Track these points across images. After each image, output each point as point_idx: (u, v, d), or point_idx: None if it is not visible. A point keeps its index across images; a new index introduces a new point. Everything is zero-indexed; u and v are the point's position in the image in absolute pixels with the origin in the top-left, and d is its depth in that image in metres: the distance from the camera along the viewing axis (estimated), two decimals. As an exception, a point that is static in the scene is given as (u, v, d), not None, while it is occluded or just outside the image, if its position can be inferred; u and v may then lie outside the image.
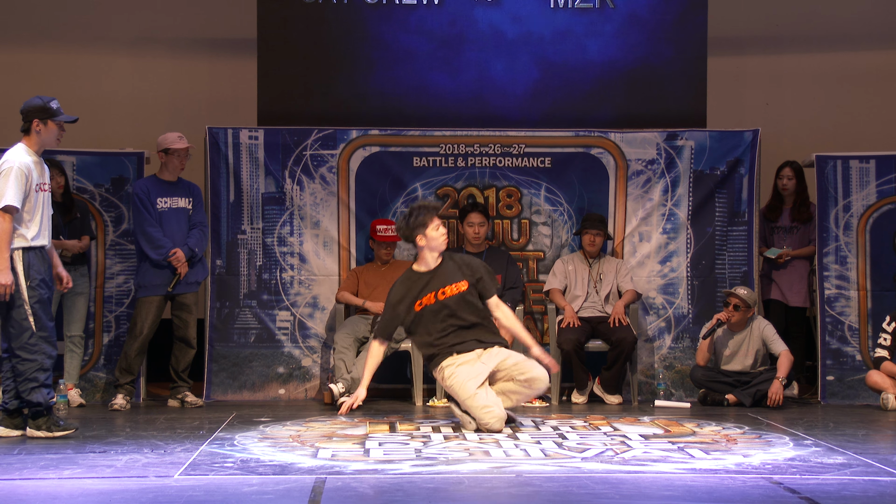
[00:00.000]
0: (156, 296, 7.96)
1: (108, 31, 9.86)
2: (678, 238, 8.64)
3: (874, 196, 8.59)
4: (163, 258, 7.90)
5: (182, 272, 7.94)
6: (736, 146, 8.64)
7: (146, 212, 7.93)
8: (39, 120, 6.47)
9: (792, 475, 5.29)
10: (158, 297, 7.97)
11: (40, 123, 6.47)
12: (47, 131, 6.49)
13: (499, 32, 8.98)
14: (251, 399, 8.39)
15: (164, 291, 7.94)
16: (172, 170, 8.02)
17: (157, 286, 7.95)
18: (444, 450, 5.98)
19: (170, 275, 7.94)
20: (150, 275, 7.95)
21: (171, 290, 7.95)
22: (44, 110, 6.48)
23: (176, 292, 7.98)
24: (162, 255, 7.90)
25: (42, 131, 6.48)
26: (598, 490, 4.95)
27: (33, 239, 6.39)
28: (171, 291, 7.95)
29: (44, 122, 6.48)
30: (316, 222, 8.55)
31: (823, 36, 10.14)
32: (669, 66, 8.99)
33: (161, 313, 8.04)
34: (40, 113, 6.48)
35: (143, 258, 7.98)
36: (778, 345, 8.06)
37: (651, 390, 8.45)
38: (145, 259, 7.96)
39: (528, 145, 8.69)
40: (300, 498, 4.78)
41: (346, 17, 8.92)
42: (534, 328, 8.66)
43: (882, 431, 6.99)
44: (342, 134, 8.62)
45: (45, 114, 6.48)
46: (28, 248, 6.36)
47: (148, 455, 5.77)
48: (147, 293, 7.97)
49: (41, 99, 6.52)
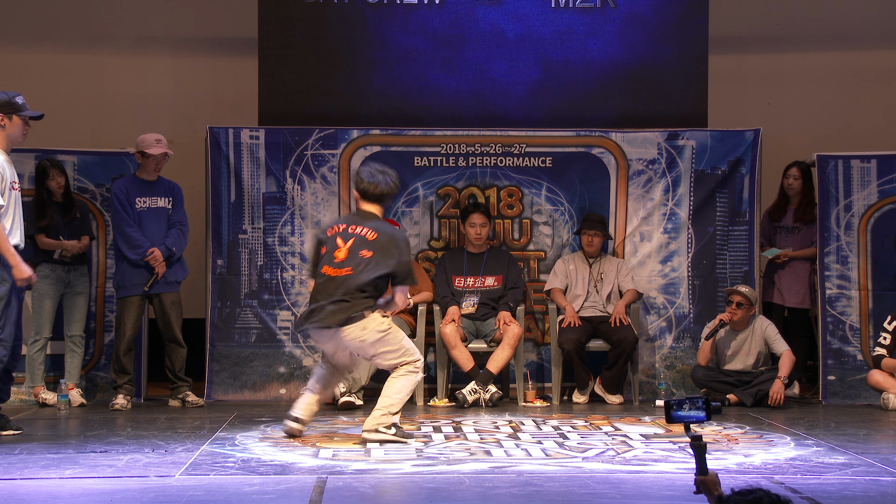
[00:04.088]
0: (135, 295, 7.94)
1: (108, 31, 9.85)
2: (679, 238, 8.64)
3: (875, 196, 8.58)
4: (140, 258, 7.88)
5: (160, 272, 7.91)
6: (737, 146, 8.63)
7: (124, 211, 7.90)
8: (4, 115, 6.42)
9: (793, 475, 5.29)
10: (137, 296, 7.95)
11: (5, 118, 6.42)
12: (12, 126, 6.45)
13: (500, 32, 8.98)
14: (252, 399, 8.39)
15: (141, 291, 7.92)
16: (149, 171, 8.01)
17: (136, 285, 7.93)
18: (445, 449, 5.98)
19: (147, 274, 7.92)
20: (129, 274, 7.93)
21: (148, 290, 7.92)
22: (8, 105, 6.44)
23: (153, 291, 7.94)
24: (139, 254, 7.87)
25: (7, 126, 6.43)
26: (600, 490, 4.95)
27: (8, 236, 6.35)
28: (147, 291, 7.93)
29: (8, 116, 6.43)
30: (317, 222, 8.54)
31: (825, 35, 10.13)
32: (670, 66, 8.98)
33: (142, 312, 8.03)
34: (5, 108, 6.43)
35: (122, 258, 7.97)
36: (780, 344, 8.06)
37: (652, 390, 8.44)
38: (123, 258, 7.95)
39: (529, 145, 8.69)
40: (301, 498, 4.78)
41: (347, 17, 8.92)
42: (535, 328, 8.66)
43: (883, 431, 6.99)
44: (343, 133, 8.62)
45: (9, 108, 6.43)
46: None
47: (149, 455, 5.77)
48: (126, 293, 7.95)
49: (6, 94, 6.46)
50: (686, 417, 3.71)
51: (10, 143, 6.50)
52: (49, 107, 7.27)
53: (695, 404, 3.70)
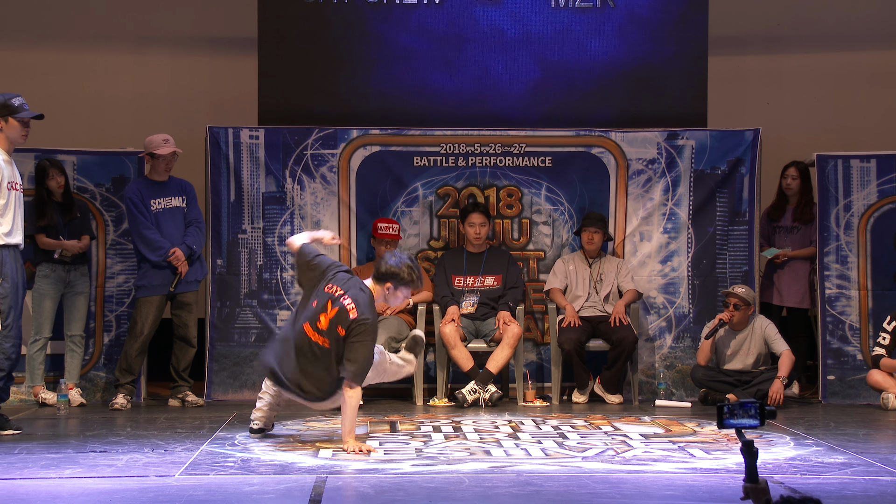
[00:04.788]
0: (156, 296, 7.96)
1: (108, 30, 9.85)
2: (679, 237, 8.64)
3: (875, 195, 8.58)
4: (162, 259, 7.89)
5: (182, 271, 7.94)
6: (737, 146, 8.63)
7: (141, 215, 7.90)
8: (0, 117, 6.43)
9: (793, 475, 5.29)
10: (159, 296, 7.96)
11: (1, 121, 6.42)
12: (10, 128, 6.44)
13: (499, 32, 8.98)
14: (252, 398, 8.30)
15: (166, 291, 7.94)
16: (160, 172, 8.01)
17: (158, 286, 7.95)
18: (445, 449, 5.98)
19: (170, 275, 7.94)
20: (151, 275, 7.94)
21: (174, 290, 7.95)
22: (3, 107, 6.44)
23: (177, 291, 7.98)
24: (161, 256, 7.89)
25: (4, 128, 6.43)
26: (599, 490, 4.95)
27: (7, 236, 6.35)
28: (173, 291, 7.95)
29: (4, 119, 6.43)
30: (317, 222, 8.54)
31: (824, 35, 10.14)
32: (670, 66, 8.98)
33: (161, 313, 8.04)
34: (1, 110, 6.43)
35: (143, 260, 7.97)
36: (779, 344, 8.06)
37: (652, 390, 8.45)
38: (145, 261, 7.95)
39: (528, 145, 8.69)
40: (301, 497, 4.78)
41: (346, 17, 8.92)
42: (534, 328, 8.66)
43: (883, 431, 6.99)
44: (343, 133, 8.62)
45: (4, 111, 6.43)
46: (2, 246, 6.34)
47: (149, 454, 5.77)
48: (147, 293, 7.96)
49: (3, 96, 6.47)
50: (739, 424, 3.65)
51: (10, 144, 6.49)
52: (48, 106, 7.28)
53: (747, 411, 3.65)
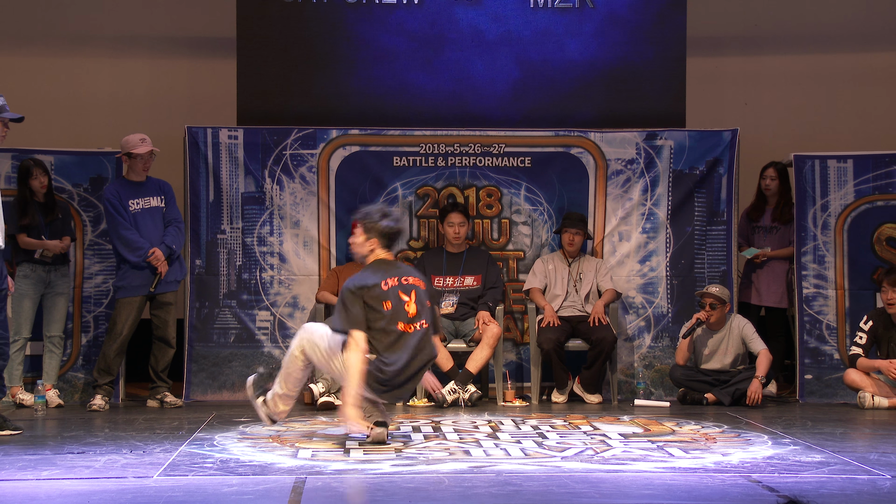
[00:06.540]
0: (136, 296, 7.93)
1: (86, 31, 9.81)
2: (658, 237, 8.67)
3: (852, 196, 8.63)
4: (142, 259, 7.87)
5: (162, 271, 7.91)
6: (715, 146, 8.67)
7: (119, 216, 7.87)
8: None
9: (770, 473, 5.32)
10: (139, 297, 7.94)
11: None
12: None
13: (479, 32, 8.99)
14: (231, 399, 8.37)
15: (146, 292, 7.91)
16: (138, 172, 7.99)
17: (138, 287, 7.92)
18: (425, 449, 5.99)
19: (150, 275, 7.91)
20: (131, 276, 7.91)
21: (154, 290, 7.92)
22: None
23: (157, 291, 7.95)
24: (141, 256, 7.86)
25: None
26: (578, 489, 4.96)
27: None
28: (153, 291, 7.93)
29: None
30: (296, 222, 8.54)
31: (802, 36, 10.19)
32: (649, 66, 9.01)
33: (140, 314, 8.01)
34: None
35: (123, 261, 7.94)
36: (757, 343, 8.10)
37: (631, 389, 8.47)
38: (124, 262, 7.93)
39: (508, 145, 8.70)
40: (280, 498, 4.77)
41: (326, 17, 8.91)
42: (514, 327, 8.67)
43: (859, 430, 7.02)
44: (322, 133, 8.61)
45: None
46: None
47: (127, 456, 5.75)
48: (127, 294, 7.93)
49: None
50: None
51: None
52: (26, 107, 7.23)
53: None
